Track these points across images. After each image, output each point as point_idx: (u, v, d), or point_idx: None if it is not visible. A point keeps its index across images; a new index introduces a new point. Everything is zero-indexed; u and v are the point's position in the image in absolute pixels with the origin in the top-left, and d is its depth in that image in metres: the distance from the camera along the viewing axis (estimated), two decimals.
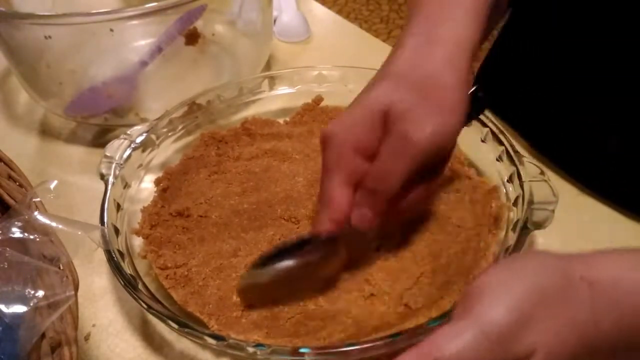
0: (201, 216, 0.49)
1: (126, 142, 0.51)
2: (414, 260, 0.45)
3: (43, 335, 0.34)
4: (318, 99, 0.60)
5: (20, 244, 0.36)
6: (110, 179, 0.48)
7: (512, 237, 0.43)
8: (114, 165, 0.49)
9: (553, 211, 0.43)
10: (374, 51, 0.75)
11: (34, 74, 0.62)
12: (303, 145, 0.56)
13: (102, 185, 0.57)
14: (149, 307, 0.39)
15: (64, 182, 0.58)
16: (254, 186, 0.52)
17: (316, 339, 0.40)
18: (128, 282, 0.41)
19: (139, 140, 0.52)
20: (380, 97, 0.40)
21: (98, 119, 0.62)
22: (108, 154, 0.50)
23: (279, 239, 0.47)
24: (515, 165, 0.47)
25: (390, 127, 0.39)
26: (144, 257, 0.46)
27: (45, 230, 0.37)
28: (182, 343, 0.44)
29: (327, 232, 0.40)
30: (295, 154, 0.55)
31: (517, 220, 0.44)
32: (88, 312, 0.46)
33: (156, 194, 0.51)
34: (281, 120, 0.59)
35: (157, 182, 0.52)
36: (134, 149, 0.51)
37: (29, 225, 0.37)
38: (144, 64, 0.60)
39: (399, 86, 0.40)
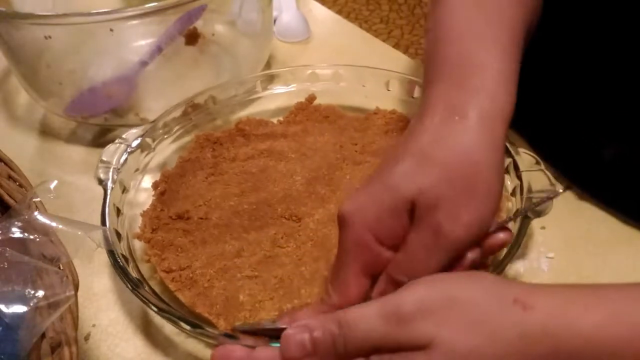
0: (201, 218, 0.49)
1: (122, 147, 0.51)
2: None
3: (43, 335, 0.34)
4: (311, 98, 0.60)
5: (20, 244, 0.36)
6: (109, 184, 0.48)
7: (514, 227, 0.42)
8: (111, 170, 0.49)
9: (552, 199, 0.42)
10: (374, 51, 0.75)
11: (34, 74, 0.62)
12: (298, 144, 0.56)
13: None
14: (160, 310, 0.39)
15: (64, 182, 0.58)
16: (252, 186, 0.52)
17: None
18: (136, 286, 0.41)
19: (135, 143, 0.52)
20: (407, 181, 0.35)
21: (98, 119, 0.62)
22: (105, 159, 0.50)
23: (282, 238, 0.47)
24: (511, 156, 0.47)
25: (420, 216, 0.35)
26: (148, 261, 0.46)
27: (45, 230, 0.37)
28: (182, 343, 0.44)
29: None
30: (291, 153, 0.55)
31: (517, 210, 0.44)
32: (88, 312, 0.46)
33: (154, 198, 0.51)
34: (275, 120, 0.59)
35: (155, 185, 0.52)
36: (130, 153, 0.51)
37: (29, 225, 0.37)
38: (143, 64, 0.60)
39: (426, 168, 0.35)
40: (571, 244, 0.49)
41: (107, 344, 0.44)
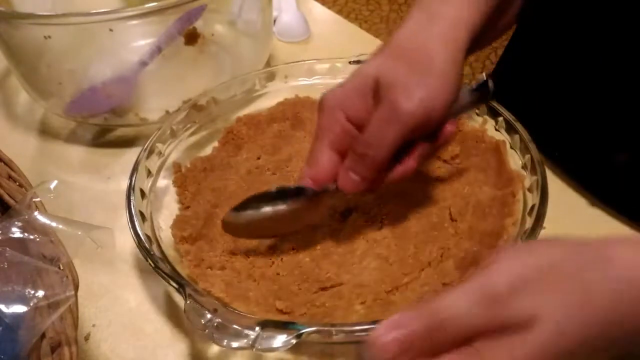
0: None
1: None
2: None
3: (43, 335, 0.34)
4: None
5: (20, 244, 0.36)
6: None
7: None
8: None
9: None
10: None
11: (34, 74, 0.62)
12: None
13: (102, 185, 0.57)
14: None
15: (64, 182, 0.58)
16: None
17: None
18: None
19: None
20: (373, 67, 0.42)
21: (98, 119, 0.62)
22: None
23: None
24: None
25: (381, 95, 0.41)
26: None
27: (45, 230, 0.37)
28: (182, 343, 0.44)
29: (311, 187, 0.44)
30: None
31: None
32: (88, 312, 0.46)
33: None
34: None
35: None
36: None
37: (29, 225, 0.37)
38: (143, 64, 0.60)
39: (391, 57, 0.42)
40: None
41: (107, 344, 0.44)
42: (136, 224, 0.44)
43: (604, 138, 0.51)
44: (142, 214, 0.46)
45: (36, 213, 0.38)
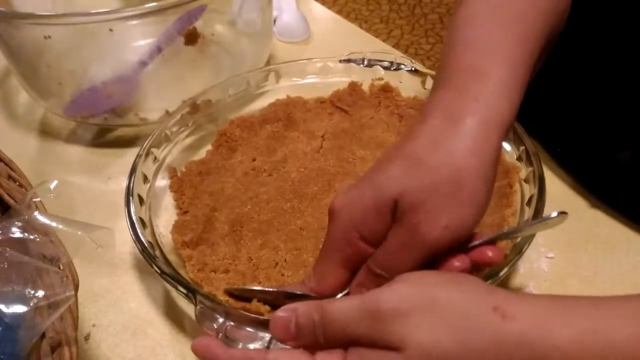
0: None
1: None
2: None
3: (43, 335, 0.34)
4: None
5: (20, 244, 0.36)
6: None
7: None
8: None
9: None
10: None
11: (34, 74, 0.62)
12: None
13: (102, 185, 0.57)
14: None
15: (64, 182, 0.58)
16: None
17: None
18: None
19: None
20: (393, 181, 0.36)
21: (98, 119, 0.62)
22: None
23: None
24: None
25: (401, 215, 0.35)
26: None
27: (45, 230, 0.37)
28: (182, 343, 0.44)
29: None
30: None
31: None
32: (88, 312, 0.46)
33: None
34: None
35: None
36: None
37: (29, 225, 0.37)
38: (143, 64, 0.60)
39: (413, 171, 0.36)
40: (571, 244, 0.49)
41: (107, 344, 0.44)
42: (138, 231, 0.44)
43: (608, 135, 0.51)
44: (142, 221, 0.46)
45: (36, 213, 0.38)
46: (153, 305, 0.47)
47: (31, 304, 0.34)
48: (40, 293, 0.34)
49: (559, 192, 0.54)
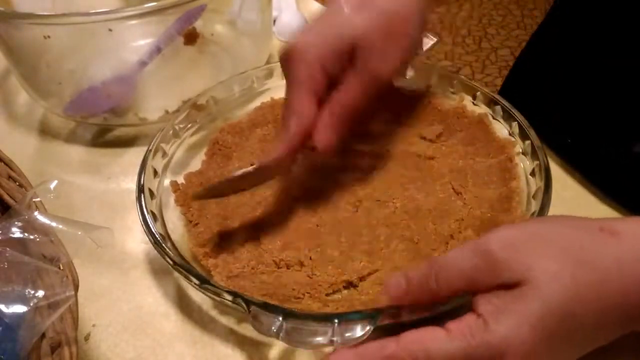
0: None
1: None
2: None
3: (43, 335, 0.34)
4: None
5: (20, 244, 0.37)
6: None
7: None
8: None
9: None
10: None
11: (34, 74, 0.62)
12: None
13: (102, 185, 0.57)
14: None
15: (64, 182, 0.58)
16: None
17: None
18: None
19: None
20: (348, 26, 0.44)
21: (97, 119, 0.62)
22: None
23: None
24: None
25: (358, 59, 0.44)
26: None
27: (45, 230, 0.37)
28: (182, 343, 0.44)
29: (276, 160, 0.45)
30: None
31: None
32: (88, 312, 0.47)
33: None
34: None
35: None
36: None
37: (29, 225, 0.37)
38: (143, 64, 0.60)
39: (367, 17, 0.44)
40: None
41: (107, 344, 0.44)
42: (150, 225, 0.45)
43: (620, 128, 0.52)
44: (153, 214, 0.46)
45: (36, 213, 0.38)
46: (153, 305, 0.47)
47: (31, 304, 0.34)
48: (40, 293, 0.34)
49: (568, 188, 0.54)
